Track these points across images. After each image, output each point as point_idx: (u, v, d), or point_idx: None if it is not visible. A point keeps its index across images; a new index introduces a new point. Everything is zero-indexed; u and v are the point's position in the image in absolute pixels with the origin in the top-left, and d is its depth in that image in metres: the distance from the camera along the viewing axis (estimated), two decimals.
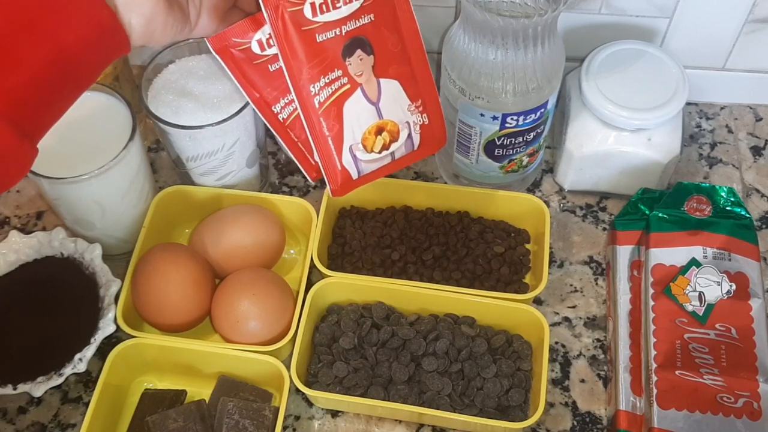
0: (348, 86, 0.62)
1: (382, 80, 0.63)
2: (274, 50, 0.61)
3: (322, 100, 0.61)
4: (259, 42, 0.62)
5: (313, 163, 0.66)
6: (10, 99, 0.48)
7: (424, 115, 0.66)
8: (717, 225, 0.70)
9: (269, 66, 0.63)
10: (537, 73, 0.67)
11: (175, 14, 0.56)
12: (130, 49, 0.54)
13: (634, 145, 0.74)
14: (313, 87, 0.60)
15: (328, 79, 0.61)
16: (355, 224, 0.76)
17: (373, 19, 0.62)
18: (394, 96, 0.64)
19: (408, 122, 0.65)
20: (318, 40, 0.59)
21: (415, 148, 0.66)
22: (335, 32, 0.60)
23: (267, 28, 0.60)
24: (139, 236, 0.72)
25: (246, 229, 0.72)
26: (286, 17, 0.58)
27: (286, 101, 0.65)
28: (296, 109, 0.62)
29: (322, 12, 0.59)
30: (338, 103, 0.62)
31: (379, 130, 0.64)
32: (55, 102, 0.52)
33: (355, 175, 0.65)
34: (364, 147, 0.64)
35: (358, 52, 0.61)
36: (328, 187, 0.65)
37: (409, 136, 0.65)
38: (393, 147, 0.65)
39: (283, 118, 0.66)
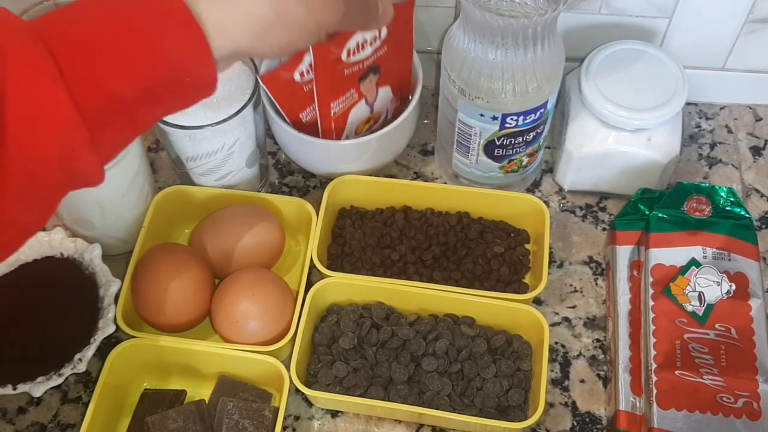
0: (356, 99, 0.74)
1: (380, 89, 0.75)
2: (309, 77, 0.72)
3: (336, 112, 0.73)
4: (300, 73, 0.73)
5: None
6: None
7: (397, 95, 0.78)
8: (717, 225, 0.70)
9: (304, 87, 0.73)
10: (537, 73, 0.67)
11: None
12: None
13: (633, 145, 0.74)
14: (333, 104, 0.72)
15: (345, 98, 0.73)
16: (355, 224, 0.76)
17: (386, 50, 0.72)
18: (385, 97, 0.76)
19: (388, 108, 0.78)
20: (345, 74, 0.71)
21: (389, 118, 0.79)
22: (359, 67, 0.71)
23: (305, 64, 0.72)
24: (138, 236, 0.72)
25: (246, 229, 0.72)
26: (327, 62, 0.69)
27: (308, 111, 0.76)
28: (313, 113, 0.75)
29: (353, 55, 0.70)
30: (346, 111, 0.74)
31: (368, 120, 0.76)
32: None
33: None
34: (357, 133, 0.76)
35: (371, 76, 0.73)
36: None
37: (386, 112, 0.78)
38: (375, 126, 0.78)
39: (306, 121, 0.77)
